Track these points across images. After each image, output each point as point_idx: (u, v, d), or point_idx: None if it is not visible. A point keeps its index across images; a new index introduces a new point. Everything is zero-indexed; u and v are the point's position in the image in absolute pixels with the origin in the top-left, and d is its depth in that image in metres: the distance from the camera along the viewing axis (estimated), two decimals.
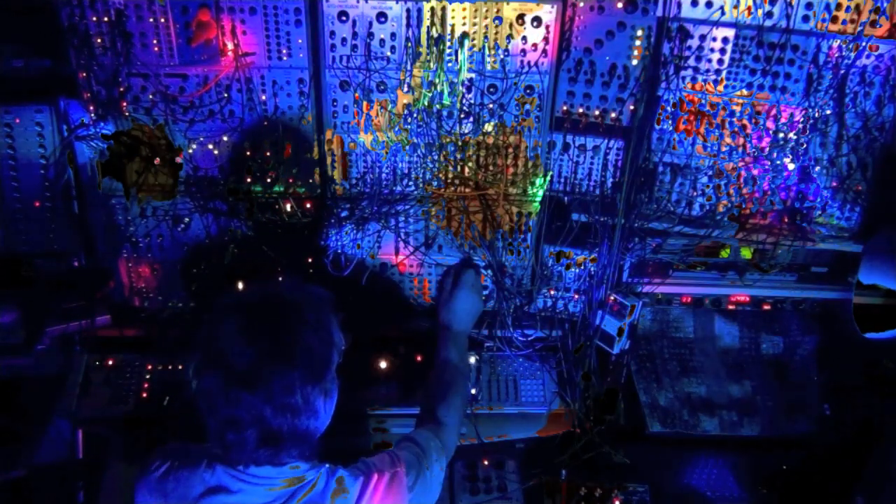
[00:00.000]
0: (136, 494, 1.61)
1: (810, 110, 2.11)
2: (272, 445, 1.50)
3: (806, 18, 2.02)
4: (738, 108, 2.15)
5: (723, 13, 2.03)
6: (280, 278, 1.67)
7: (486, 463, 2.41)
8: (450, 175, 2.26)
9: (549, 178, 2.27)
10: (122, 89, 2.11)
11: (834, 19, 2.02)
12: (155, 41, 2.07)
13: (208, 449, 1.60)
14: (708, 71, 2.11)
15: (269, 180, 2.23)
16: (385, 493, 1.63)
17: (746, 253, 2.37)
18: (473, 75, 2.13)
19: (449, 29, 2.06)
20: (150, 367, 2.35)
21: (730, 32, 2.06)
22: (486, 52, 2.10)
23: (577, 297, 2.40)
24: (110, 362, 2.37)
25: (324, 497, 1.58)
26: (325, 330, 1.57)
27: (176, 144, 2.18)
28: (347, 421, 2.30)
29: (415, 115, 2.17)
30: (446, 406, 1.98)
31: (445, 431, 1.92)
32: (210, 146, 2.21)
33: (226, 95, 2.14)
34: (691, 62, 2.10)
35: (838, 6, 2.01)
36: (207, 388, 1.48)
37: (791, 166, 2.19)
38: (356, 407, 2.35)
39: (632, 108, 2.16)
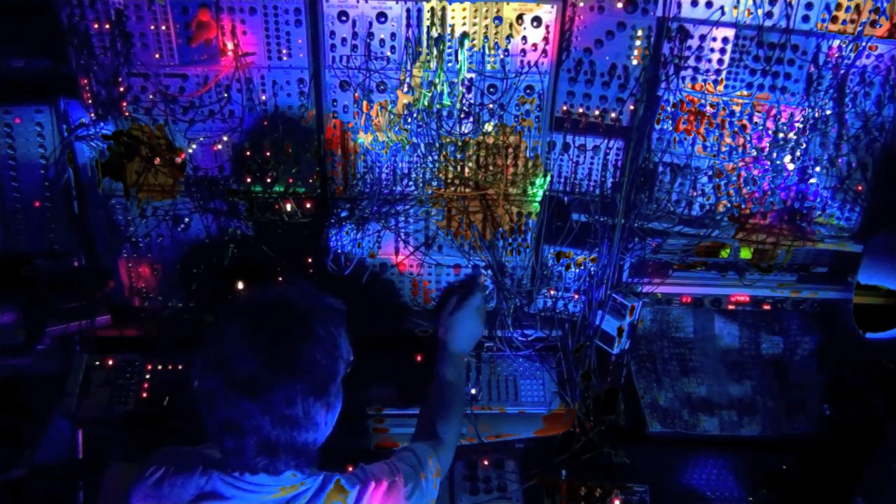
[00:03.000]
0: (131, 499, 1.60)
1: (810, 110, 2.11)
2: (270, 455, 1.50)
3: (806, 18, 2.02)
4: (738, 108, 2.15)
5: (723, 13, 2.03)
6: (293, 284, 1.66)
7: (486, 463, 2.41)
8: (450, 175, 2.26)
9: (549, 178, 2.27)
10: (122, 89, 2.11)
11: (834, 19, 2.02)
12: (155, 41, 2.07)
13: (205, 454, 1.60)
14: (708, 71, 2.11)
15: (269, 180, 2.23)
16: (382, 502, 1.63)
17: (746, 253, 2.37)
18: (473, 75, 2.13)
19: (449, 29, 2.06)
20: (150, 367, 2.36)
21: (730, 32, 2.06)
22: (486, 52, 2.10)
23: (577, 297, 2.40)
24: (110, 362, 2.37)
25: None
26: (333, 343, 1.55)
27: (176, 144, 2.18)
28: (347, 421, 2.32)
29: (415, 115, 2.17)
30: (446, 424, 1.99)
31: (443, 448, 1.93)
32: (210, 146, 2.21)
33: (226, 95, 2.14)
34: (691, 62, 2.10)
35: (838, 6, 2.01)
36: (209, 389, 1.47)
37: (791, 166, 2.19)
38: (356, 407, 2.35)
39: (632, 108, 2.16)
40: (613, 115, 2.19)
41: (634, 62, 2.11)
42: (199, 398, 1.50)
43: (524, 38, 2.08)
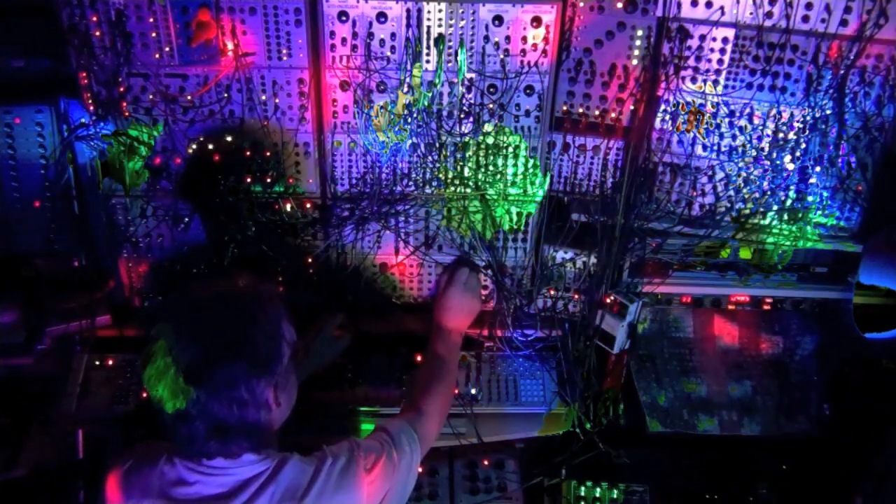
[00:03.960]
0: (106, 491, 1.64)
1: (810, 110, 2.11)
2: (221, 438, 1.54)
3: (806, 18, 2.02)
4: (737, 108, 2.15)
5: (723, 13, 2.03)
6: (230, 275, 1.71)
7: (486, 463, 2.41)
8: (450, 175, 2.26)
9: (549, 177, 2.27)
10: (122, 89, 2.11)
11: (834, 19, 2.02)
12: (155, 41, 2.07)
13: (169, 444, 1.63)
14: (708, 71, 2.11)
15: (269, 180, 2.23)
16: (339, 478, 1.64)
17: (746, 253, 2.37)
18: (473, 75, 2.13)
19: (449, 29, 2.06)
20: None
21: (730, 32, 2.06)
22: (486, 51, 2.09)
23: (577, 297, 2.40)
24: (110, 362, 2.37)
25: (277, 485, 1.59)
26: (273, 324, 1.59)
27: (176, 145, 2.18)
28: (345, 419, 2.33)
29: (415, 115, 2.17)
30: (427, 395, 2.00)
31: (424, 420, 1.92)
32: (210, 146, 2.21)
33: (226, 95, 2.14)
34: (691, 62, 2.10)
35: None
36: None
37: (791, 166, 2.19)
38: (354, 406, 2.35)
39: (632, 108, 2.16)
40: (613, 115, 2.19)
41: (634, 62, 2.11)
42: (149, 395, 1.54)
43: (524, 37, 2.08)
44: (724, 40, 2.07)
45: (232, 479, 1.58)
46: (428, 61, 2.10)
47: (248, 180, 2.21)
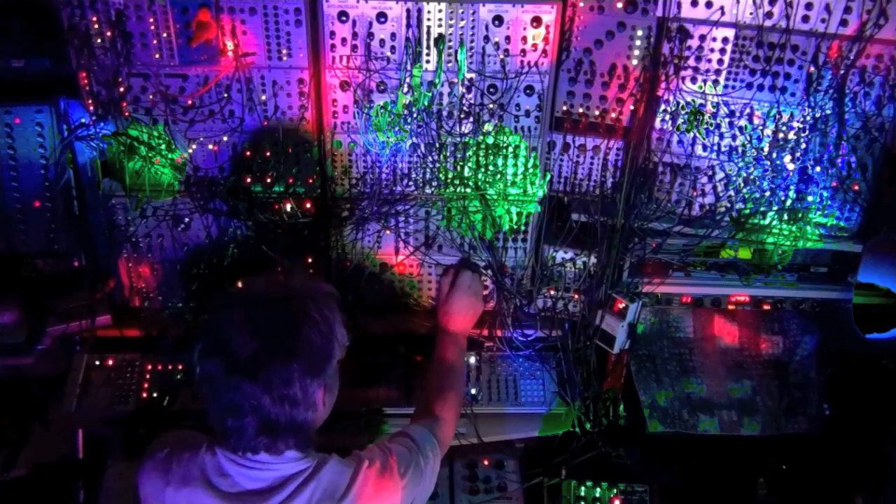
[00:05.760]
0: (140, 477, 1.64)
1: (810, 110, 2.11)
2: (270, 434, 1.54)
3: (806, 19, 2.02)
4: (737, 108, 2.15)
5: (723, 13, 2.03)
6: (287, 272, 1.71)
7: (486, 463, 2.41)
8: (450, 175, 2.26)
9: (549, 177, 2.27)
10: (122, 89, 2.11)
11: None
12: (155, 41, 2.07)
13: (209, 434, 1.63)
14: (708, 71, 2.11)
15: (268, 180, 2.23)
16: (376, 481, 1.64)
17: (746, 253, 2.37)
18: (473, 75, 2.13)
19: (449, 29, 2.06)
20: (150, 367, 2.36)
21: (730, 32, 2.06)
22: (486, 51, 2.10)
23: (577, 297, 2.40)
24: (110, 362, 2.37)
25: (318, 483, 1.59)
26: (328, 325, 1.59)
27: (176, 144, 2.18)
28: (347, 420, 2.33)
29: (415, 115, 2.17)
30: (442, 401, 2.00)
31: (440, 426, 1.93)
32: (210, 146, 2.21)
33: (226, 95, 2.14)
34: (691, 62, 2.10)
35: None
36: (209, 373, 1.52)
37: (791, 166, 2.19)
38: (356, 406, 2.35)
39: (632, 108, 2.16)
40: (613, 115, 2.19)
41: (634, 62, 2.11)
42: (200, 384, 1.54)
43: (524, 38, 2.08)
44: (724, 40, 2.07)
45: (273, 475, 1.58)
46: (428, 61, 2.10)
47: (249, 180, 2.21)
